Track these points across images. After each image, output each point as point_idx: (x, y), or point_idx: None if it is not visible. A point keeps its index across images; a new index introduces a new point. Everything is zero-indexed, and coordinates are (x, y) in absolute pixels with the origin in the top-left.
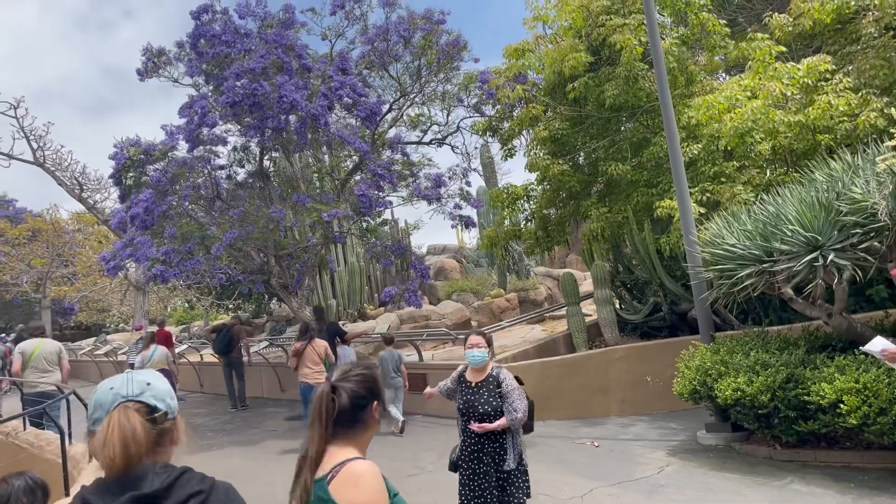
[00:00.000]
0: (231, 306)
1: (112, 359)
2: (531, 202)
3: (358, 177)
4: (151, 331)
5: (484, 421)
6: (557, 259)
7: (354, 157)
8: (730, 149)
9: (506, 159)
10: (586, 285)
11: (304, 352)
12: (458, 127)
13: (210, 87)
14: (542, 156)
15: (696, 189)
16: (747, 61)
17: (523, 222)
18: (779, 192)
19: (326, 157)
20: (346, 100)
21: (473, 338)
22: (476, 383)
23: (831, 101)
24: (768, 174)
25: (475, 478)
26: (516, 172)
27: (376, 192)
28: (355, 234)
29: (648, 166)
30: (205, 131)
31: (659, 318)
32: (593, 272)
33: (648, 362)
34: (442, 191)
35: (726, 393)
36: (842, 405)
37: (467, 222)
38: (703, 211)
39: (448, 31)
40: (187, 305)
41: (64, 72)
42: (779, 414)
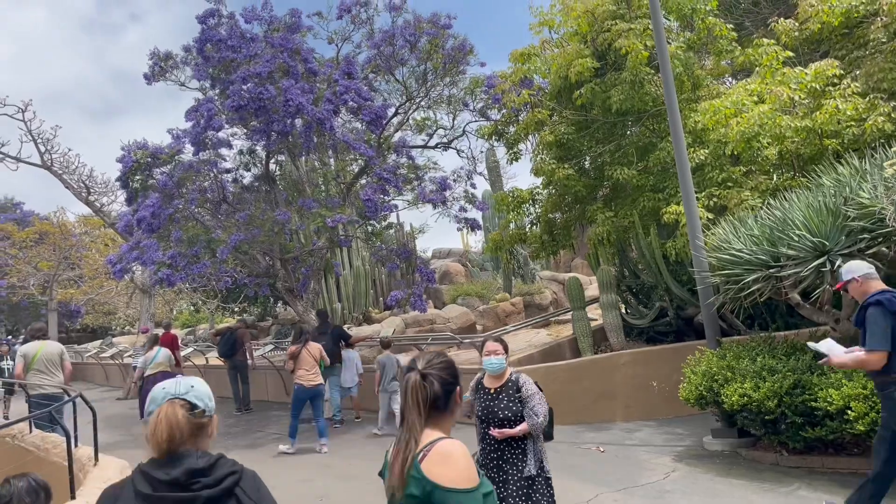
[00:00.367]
0: (237, 309)
1: (118, 361)
2: (537, 206)
3: (363, 181)
4: (155, 333)
5: (504, 427)
6: (563, 263)
7: (360, 161)
8: (737, 153)
9: (511, 163)
10: (592, 290)
11: (299, 355)
12: (463, 131)
13: (216, 91)
14: (548, 160)
15: (702, 194)
16: (754, 66)
17: (529, 226)
18: (786, 197)
19: (332, 161)
20: (351, 104)
21: (490, 344)
22: (495, 389)
23: (839, 106)
24: (775, 179)
25: (497, 486)
26: (522, 176)
27: (382, 196)
28: (360, 237)
29: (655, 171)
30: (211, 135)
31: (665, 322)
32: (599, 277)
33: (654, 367)
34: (447, 194)
35: (733, 398)
36: (849, 411)
37: (473, 225)
38: (709, 216)
39: (454, 36)
40: (193, 308)
41: (71, 75)
42: (786, 420)
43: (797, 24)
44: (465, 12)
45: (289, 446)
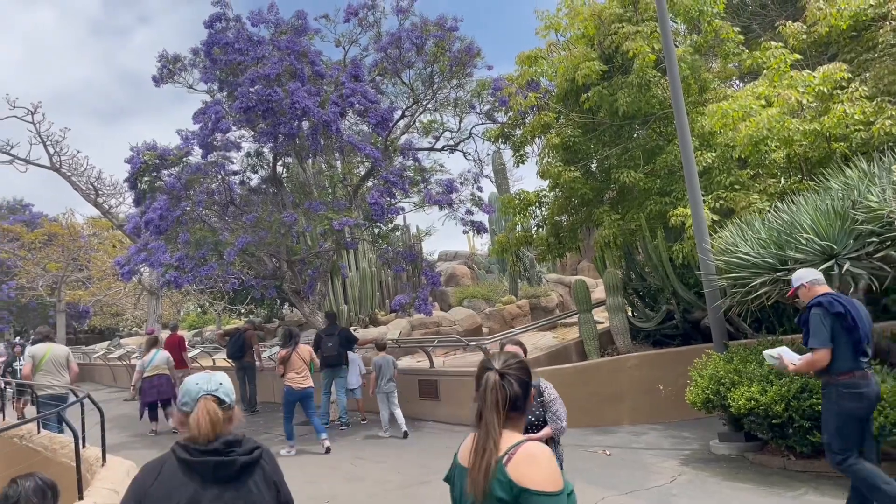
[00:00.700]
0: (243, 311)
1: (125, 362)
2: (543, 209)
3: (370, 183)
4: (154, 336)
5: (528, 432)
6: (569, 266)
7: (366, 164)
8: (744, 157)
9: (518, 166)
10: (598, 292)
11: (289, 358)
12: (470, 133)
13: (224, 94)
14: (554, 163)
15: (709, 197)
16: (762, 69)
17: (535, 228)
18: (793, 201)
19: (339, 164)
20: (357, 106)
21: (510, 347)
22: None
23: (847, 110)
24: (783, 182)
25: None
26: (528, 179)
27: (388, 198)
28: (367, 239)
29: (661, 174)
30: (218, 137)
31: (671, 326)
32: (605, 279)
33: (661, 370)
34: (453, 196)
35: (740, 402)
36: None
37: (479, 228)
38: (716, 219)
39: (461, 38)
40: (200, 310)
41: (80, 77)
42: (793, 424)
43: (805, 26)
44: (472, 15)
45: (288, 449)
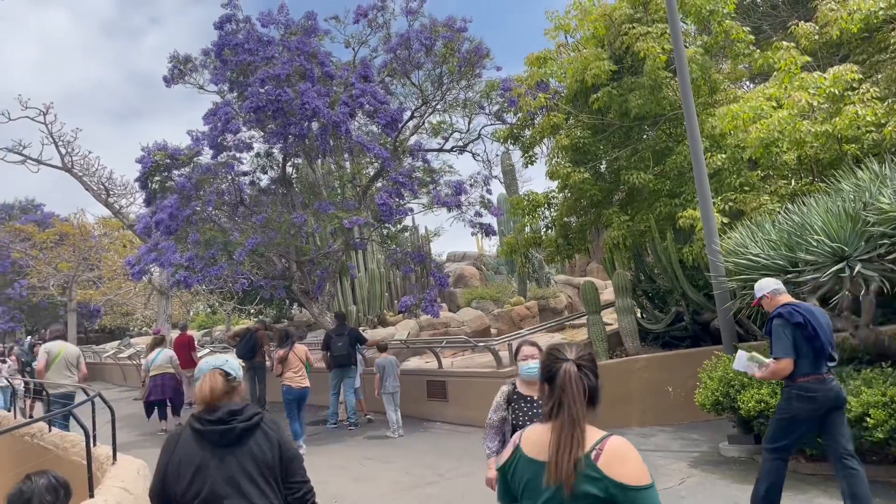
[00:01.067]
0: (253, 311)
1: (135, 362)
2: (552, 210)
3: (379, 184)
4: (159, 336)
5: None
6: (578, 267)
7: (375, 164)
8: (755, 158)
9: (527, 167)
10: (607, 294)
11: (287, 358)
12: (479, 134)
13: (234, 94)
14: (564, 164)
15: (719, 198)
16: (772, 70)
17: (544, 230)
18: (804, 202)
19: (348, 164)
20: (367, 107)
21: (527, 348)
22: (539, 396)
23: (858, 111)
24: (794, 184)
25: None
26: (537, 180)
27: (397, 199)
28: (376, 240)
29: (671, 175)
30: (228, 137)
31: (681, 327)
32: (614, 281)
33: (670, 372)
34: (462, 198)
35: (749, 405)
36: (868, 419)
37: (487, 230)
38: (726, 221)
39: (470, 39)
40: (209, 310)
41: (92, 77)
42: None
43: (817, 27)
44: (481, 16)
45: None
